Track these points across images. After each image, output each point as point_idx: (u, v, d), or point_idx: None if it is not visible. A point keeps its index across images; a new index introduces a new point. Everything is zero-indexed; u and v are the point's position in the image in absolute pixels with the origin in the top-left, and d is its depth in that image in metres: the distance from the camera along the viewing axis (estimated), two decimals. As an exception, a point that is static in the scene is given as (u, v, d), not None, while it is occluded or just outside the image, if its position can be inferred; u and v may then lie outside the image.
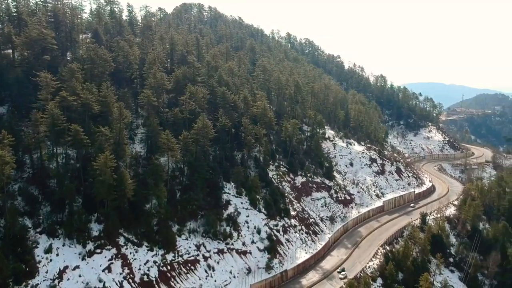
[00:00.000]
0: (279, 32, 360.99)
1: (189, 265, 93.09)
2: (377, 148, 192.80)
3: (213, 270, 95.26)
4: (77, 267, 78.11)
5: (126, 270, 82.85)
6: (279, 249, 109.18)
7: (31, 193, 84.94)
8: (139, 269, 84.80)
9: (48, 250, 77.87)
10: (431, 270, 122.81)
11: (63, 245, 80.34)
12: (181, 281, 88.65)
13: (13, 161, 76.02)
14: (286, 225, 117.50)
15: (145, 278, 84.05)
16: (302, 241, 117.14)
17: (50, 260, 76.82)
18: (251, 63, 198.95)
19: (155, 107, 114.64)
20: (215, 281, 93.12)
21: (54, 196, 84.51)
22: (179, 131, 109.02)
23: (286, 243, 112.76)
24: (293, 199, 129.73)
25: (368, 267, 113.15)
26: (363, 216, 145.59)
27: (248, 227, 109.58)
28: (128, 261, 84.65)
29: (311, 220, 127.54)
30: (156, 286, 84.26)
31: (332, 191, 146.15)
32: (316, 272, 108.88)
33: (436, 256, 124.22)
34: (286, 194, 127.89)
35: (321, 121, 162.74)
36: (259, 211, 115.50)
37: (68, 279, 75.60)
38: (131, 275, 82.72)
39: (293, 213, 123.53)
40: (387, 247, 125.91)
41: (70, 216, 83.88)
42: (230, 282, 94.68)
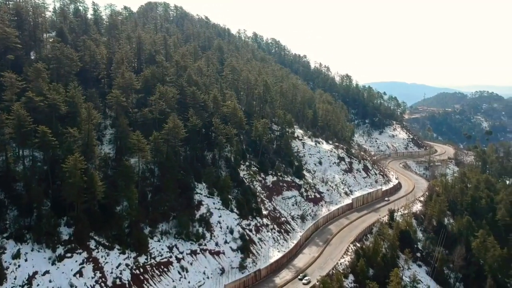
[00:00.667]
0: (245, 31, 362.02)
1: (162, 267, 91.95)
2: (344, 147, 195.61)
3: (187, 272, 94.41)
4: (47, 272, 75.88)
5: (98, 274, 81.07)
6: (252, 248, 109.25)
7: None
8: (111, 272, 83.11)
9: (16, 256, 75.25)
10: (400, 265, 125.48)
11: (32, 250, 77.84)
12: (155, 284, 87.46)
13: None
14: (258, 225, 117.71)
15: (117, 281, 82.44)
16: (275, 240, 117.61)
17: (19, 266, 74.30)
18: (219, 62, 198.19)
19: (124, 108, 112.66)
20: (189, 283, 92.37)
21: (21, 200, 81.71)
22: (149, 132, 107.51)
23: (258, 242, 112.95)
24: (264, 199, 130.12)
25: (340, 264, 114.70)
26: (333, 214, 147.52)
27: (221, 227, 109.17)
28: (99, 264, 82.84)
29: (282, 219, 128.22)
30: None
31: (302, 190, 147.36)
32: (289, 270, 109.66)
33: (405, 251, 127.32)
34: (257, 194, 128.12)
35: (291, 121, 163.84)
36: (232, 211, 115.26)
37: (38, 285, 73.32)
38: (103, 279, 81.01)
39: (265, 212, 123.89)
40: (358, 244, 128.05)
41: (38, 220, 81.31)
42: (204, 283, 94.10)
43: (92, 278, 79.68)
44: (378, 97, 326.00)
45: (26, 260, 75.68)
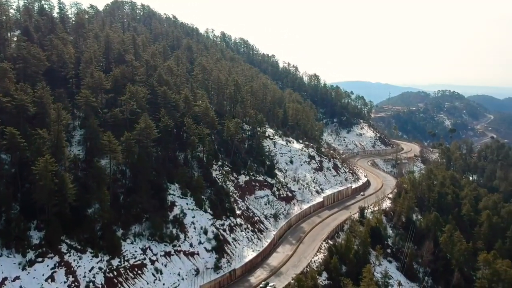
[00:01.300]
0: (213, 31, 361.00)
1: (136, 269, 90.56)
2: (315, 146, 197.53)
3: (161, 274, 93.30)
4: (17, 277, 73.51)
5: (71, 278, 79.14)
6: (226, 248, 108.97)
7: (-39, 202, 79.05)
8: (84, 276, 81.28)
9: (-16, 262, 72.85)
10: (371, 261, 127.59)
11: (1, 256, 75.26)
12: (129, 287, 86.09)
13: None
14: (232, 224, 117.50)
15: (90, 285, 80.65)
16: (249, 240, 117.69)
17: (-13, 273, 71.93)
18: (189, 62, 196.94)
19: (93, 108, 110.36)
20: (164, 284, 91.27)
21: (-12, 204, 79.17)
22: (120, 132, 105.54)
23: (233, 242, 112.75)
24: (237, 198, 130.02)
25: (314, 261, 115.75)
26: (305, 212, 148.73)
27: (195, 228, 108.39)
28: (72, 268, 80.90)
29: (256, 218, 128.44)
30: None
31: (275, 189, 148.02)
32: (264, 269, 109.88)
33: (376, 248, 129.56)
34: (230, 194, 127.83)
35: (262, 120, 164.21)
36: (205, 211, 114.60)
37: (8, 291, 71.20)
38: (76, 283, 79.12)
39: (238, 212, 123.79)
40: (330, 242, 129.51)
41: (7, 224, 78.72)
42: (179, 285, 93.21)
43: (65, 282, 77.72)
44: (345, 97, 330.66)
45: (-5, 266, 73.30)
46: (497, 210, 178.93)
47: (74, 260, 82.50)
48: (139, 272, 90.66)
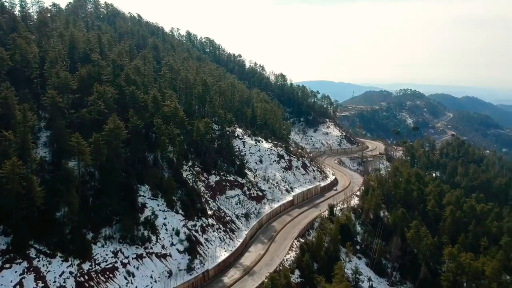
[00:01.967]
0: (178, 30, 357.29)
1: (108, 273, 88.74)
2: (283, 145, 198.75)
3: (133, 276, 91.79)
4: (-16, 285, 71.08)
5: (40, 284, 76.81)
6: (199, 249, 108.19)
7: None
8: (54, 281, 79.03)
9: None
10: (342, 258, 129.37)
11: (-34, 263, 72.60)
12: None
13: None
14: (204, 225, 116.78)
15: (61, 290, 78.72)
16: (221, 240, 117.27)
17: (-48, 281, 69.02)
18: (156, 61, 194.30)
19: (60, 109, 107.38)
20: (136, 287, 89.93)
21: (-49, 210, 75.94)
22: (87, 133, 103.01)
23: (205, 243, 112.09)
24: (208, 199, 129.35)
25: (286, 260, 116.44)
26: (276, 211, 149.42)
27: (167, 230, 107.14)
28: (41, 274, 78.54)
29: (227, 218, 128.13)
30: (75, 298, 79.47)
31: (245, 188, 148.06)
32: (237, 269, 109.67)
33: (346, 245, 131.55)
34: (201, 194, 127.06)
35: (231, 120, 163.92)
36: (177, 212, 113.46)
37: (-25, 300, 68.55)
38: (46, 289, 77.00)
39: (210, 212, 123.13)
40: (301, 240, 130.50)
41: (-29, 230, 75.96)
42: (152, 287, 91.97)
43: (34, 288, 75.52)
44: (311, 96, 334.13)
45: (-40, 274, 70.44)
46: (460, 205, 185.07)
47: (43, 265, 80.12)
48: (111, 275, 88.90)
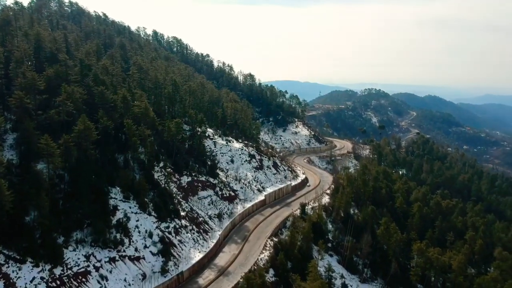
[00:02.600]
0: (145, 29, 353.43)
1: (80, 277, 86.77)
2: (254, 145, 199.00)
3: (107, 280, 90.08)
4: (-49, 294, 68.30)
5: (11, 291, 74.53)
6: (172, 251, 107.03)
7: None
8: (25, 287, 76.94)
9: None
10: (314, 256, 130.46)
11: None
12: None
13: None
14: (177, 226, 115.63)
15: (32, 297, 76.47)
16: (194, 241, 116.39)
17: None
18: (124, 61, 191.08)
19: (27, 110, 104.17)
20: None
21: None
22: (56, 135, 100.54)
23: (179, 244, 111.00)
24: (181, 200, 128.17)
25: (260, 259, 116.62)
26: (248, 211, 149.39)
27: (139, 232, 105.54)
28: (11, 280, 76.07)
29: (200, 219, 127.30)
30: (47, 304, 77.31)
31: (217, 189, 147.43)
32: (212, 270, 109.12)
33: (318, 243, 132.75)
34: (174, 195, 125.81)
35: (202, 120, 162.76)
36: (149, 214, 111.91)
37: None
38: (17, 296, 74.66)
39: (182, 213, 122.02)
40: (275, 239, 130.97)
41: None
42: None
43: (4, 296, 73.11)
44: (280, 96, 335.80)
45: None
46: (427, 202, 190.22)
47: (13, 271, 77.61)
48: (84, 280, 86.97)
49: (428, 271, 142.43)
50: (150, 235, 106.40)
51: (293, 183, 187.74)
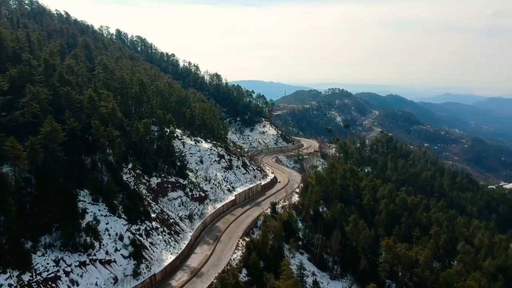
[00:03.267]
0: (108, 28, 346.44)
1: (50, 283, 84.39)
2: (223, 145, 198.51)
3: (77, 285, 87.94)
4: None
5: (-23, 300, 71.85)
6: (144, 254, 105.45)
7: None
8: (-7, 295, 74.31)
9: None
10: (286, 255, 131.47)
11: None
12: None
13: None
14: (148, 228, 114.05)
15: (1, 305, 73.95)
16: (166, 243, 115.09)
17: None
18: (88, 60, 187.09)
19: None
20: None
21: None
22: (21, 137, 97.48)
23: (150, 246, 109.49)
24: (151, 201, 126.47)
25: (233, 259, 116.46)
26: (219, 211, 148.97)
27: (110, 235, 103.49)
28: (-23, 288, 73.48)
29: (171, 220, 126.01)
30: (16, 312, 74.87)
31: (187, 189, 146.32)
32: (184, 272, 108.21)
33: (289, 241, 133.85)
34: (144, 197, 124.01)
35: (171, 120, 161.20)
36: (119, 216, 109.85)
37: None
38: (-16, 304, 72.04)
39: (153, 215, 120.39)
40: (246, 238, 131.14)
41: None
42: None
43: (-29, 305, 70.41)
44: (247, 95, 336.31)
45: None
46: (393, 199, 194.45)
47: (-21, 279, 74.93)
48: (53, 285, 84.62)
49: (396, 266, 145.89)
50: (121, 238, 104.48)
51: (263, 182, 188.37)
